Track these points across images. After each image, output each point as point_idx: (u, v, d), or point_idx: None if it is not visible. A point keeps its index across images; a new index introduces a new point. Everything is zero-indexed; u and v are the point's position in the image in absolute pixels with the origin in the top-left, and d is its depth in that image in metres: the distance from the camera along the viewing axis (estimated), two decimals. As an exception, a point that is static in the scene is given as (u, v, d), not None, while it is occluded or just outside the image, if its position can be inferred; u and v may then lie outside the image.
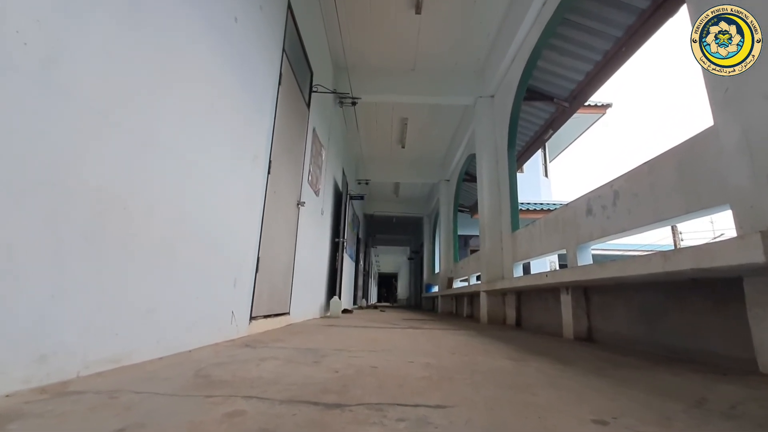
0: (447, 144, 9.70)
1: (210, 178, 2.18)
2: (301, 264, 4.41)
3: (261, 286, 3.02)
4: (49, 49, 1.20)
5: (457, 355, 2.12)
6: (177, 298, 1.86)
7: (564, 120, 6.16)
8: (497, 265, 5.55)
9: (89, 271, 1.35)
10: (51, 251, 1.21)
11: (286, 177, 3.74)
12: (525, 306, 4.71)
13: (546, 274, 3.48)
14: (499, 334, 3.65)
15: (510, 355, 2.13)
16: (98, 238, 1.38)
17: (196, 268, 2.04)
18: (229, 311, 2.46)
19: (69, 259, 1.27)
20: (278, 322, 3.51)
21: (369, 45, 6.13)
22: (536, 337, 3.36)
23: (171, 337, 1.80)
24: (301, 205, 4.22)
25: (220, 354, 1.89)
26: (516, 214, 5.43)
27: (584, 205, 3.40)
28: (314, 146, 4.96)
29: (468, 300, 7.41)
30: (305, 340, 2.66)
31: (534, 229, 4.55)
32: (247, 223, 2.76)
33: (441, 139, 9.43)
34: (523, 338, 3.26)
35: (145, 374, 1.39)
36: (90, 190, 1.35)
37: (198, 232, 2.06)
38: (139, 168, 1.59)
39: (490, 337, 3.29)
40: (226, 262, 2.42)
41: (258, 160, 2.95)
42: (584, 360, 2.07)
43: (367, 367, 1.66)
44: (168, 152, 1.78)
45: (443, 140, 9.50)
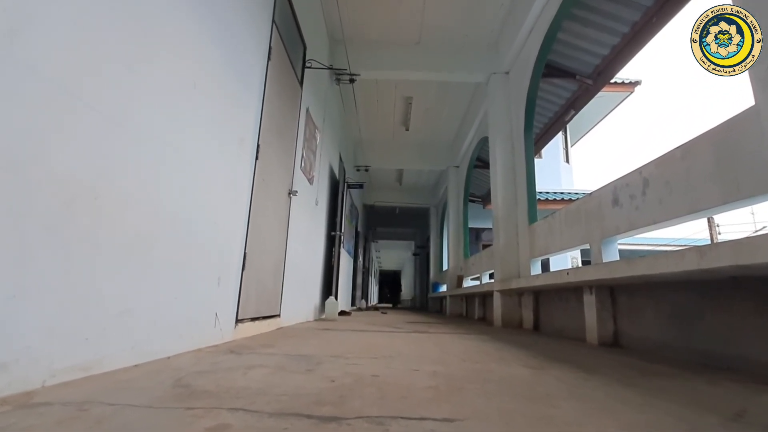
0: (456, 126, 9.67)
1: (191, 164, 2.17)
2: (293, 260, 4.41)
3: (248, 286, 3.02)
4: (11, 21, 1.18)
5: (468, 362, 2.11)
6: (154, 299, 1.85)
7: (587, 99, 6.12)
8: (512, 262, 5.55)
9: (55, 269, 1.34)
10: (12, 247, 1.20)
11: (277, 163, 3.73)
12: (543, 307, 4.71)
13: (567, 271, 3.48)
14: (514, 338, 3.65)
15: (527, 363, 2.13)
16: (66, 231, 1.37)
17: (176, 265, 2.04)
18: (213, 313, 2.46)
19: (32, 255, 1.26)
20: (267, 325, 3.51)
21: (369, 15, 6.07)
22: (556, 343, 3.36)
23: (147, 342, 1.80)
24: (293, 194, 4.21)
25: (203, 361, 1.89)
26: (533, 204, 5.42)
27: (610, 195, 3.38)
28: (308, 128, 4.94)
29: (480, 301, 7.43)
30: (298, 345, 2.66)
31: (553, 222, 4.54)
32: (232, 215, 2.75)
33: (449, 120, 9.39)
34: (542, 343, 3.26)
35: (119, 383, 1.39)
36: (56, 178, 1.33)
37: (177, 225, 2.05)
38: (112, 153, 1.58)
39: (505, 342, 3.29)
40: (209, 258, 2.42)
41: (245, 143, 2.94)
42: (610, 368, 2.07)
43: (367, 375, 1.65)
44: (144, 135, 1.76)
45: (452, 122, 9.46)
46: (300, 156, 4.60)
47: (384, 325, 4.88)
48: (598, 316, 3.25)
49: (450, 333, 4.03)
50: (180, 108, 2.05)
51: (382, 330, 4.15)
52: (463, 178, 9.86)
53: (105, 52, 1.53)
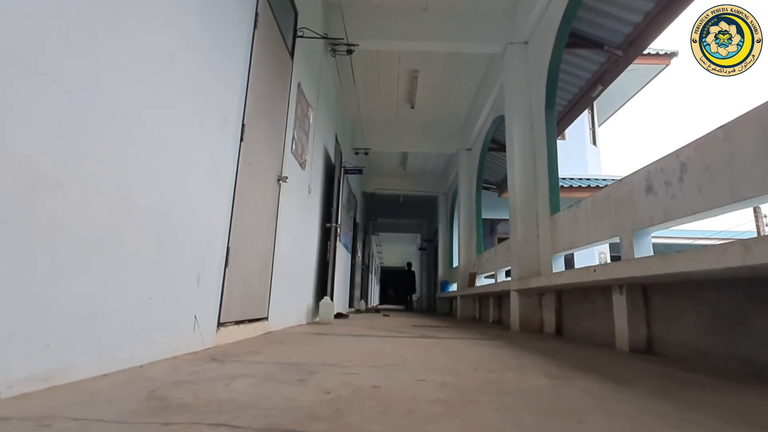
0: (468, 104, 9.62)
1: (166, 146, 2.16)
2: (283, 256, 4.41)
3: (232, 285, 3.02)
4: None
5: (482, 371, 2.11)
6: (124, 300, 1.85)
7: (617, 73, 6.06)
8: (532, 258, 5.54)
9: (12, 266, 1.32)
10: (-39, 240, 1.18)
11: (264, 145, 3.71)
12: (567, 309, 4.71)
13: (594, 268, 3.47)
14: (534, 344, 3.65)
15: (549, 372, 2.13)
16: (24, 223, 1.36)
17: (149, 262, 2.03)
18: (191, 316, 2.46)
19: (-15, 250, 1.24)
20: (254, 329, 3.52)
21: (368, -24, 6.00)
22: (581, 349, 3.36)
23: (117, 348, 1.79)
24: (283, 180, 4.20)
25: (180, 370, 1.88)
26: (556, 192, 5.40)
27: (643, 181, 3.36)
28: (299, 106, 4.91)
29: (495, 301, 7.44)
30: (288, 352, 2.66)
31: (579, 212, 4.52)
32: (213, 204, 2.74)
33: (461, 97, 9.34)
34: (566, 350, 3.26)
35: (85, 395, 1.38)
36: (13, 162, 1.32)
37: (150, 216, 2.04)
38: (77, 132, 1.56)
39: (523, 348, 3.29)
40: (187, 253, 2.41)
41: (228, 123, 2.92)
42: (643, 378, 2.06)
43: (367, 386, 1.65)
44: (112, 112, 1.74)
45: (463, 99, 9.42)
46: (291, 137, 4.58)
47: (386, 330, 4.89)
48: (629, 319, 3.24)
49: (461, 338, 4.03)
50: (153, 82, 2.03)
51: (384, 335, 4.15)
52: (475, 163, 9.83)
53: (67, 17, 1.51)
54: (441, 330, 5.08)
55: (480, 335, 4.45)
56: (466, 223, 10.15)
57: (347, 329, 4.73)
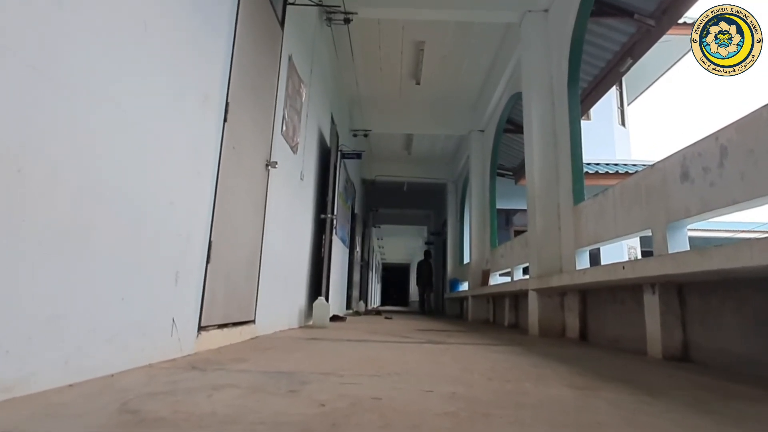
0: (481, 79, 9.58)
1: (140, 126, 2.14)
2: (272, 251, 4.41)
3: (214, 284, 3.02)
4: None
5: (496, 381, 2.11)
6: (93, 301, 1.84)
7: (649, 45, 6.02)
8: (553, 253, 5.54)
9: (-35, 263, 1.31)
10: None
11: (251, 126, 3.71)
12: (592, 311, 4.71)
13: (623, 265, 3.46)
14: (555, 351, 3.66)
15: (572, 382, 2.13)
16: (-24, 214, 1.35)
17: (120, 258, 2.02)
18: (169, 318, 2.45)
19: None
20: (239, 333, 3.52)
21: (368, -66, 5.95)
22: (609, 356, 3.37)
23: (85, 354, 1.79)
24: (272, 166, 4.19)
25: (156, 379, 1.88)
26: (580, 179, 5.39)
27: (677, 167, 3.34)
28: (291, 82, 4.89)
29: (511, 302, 7.44)
30: (278, 359, 2.66)
31: (605, 201, 4.51)
32: (193, 193, 2.74)
33: (472, 72, 9.29)
34: (591, 357, 3.27)
35: (49, 408, 1.38)
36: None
37: (122, 205, 2.03)
38: (39, 112, 1.55)
39: (543, 355, 3.30)
40: (164, 248, 2.40)
41: (209, 101, 2.91)
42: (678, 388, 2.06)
43: (367, 398, 1.65)
44: (79, 89, 1.73)
45: (475, 74, 9.37)
46: (281, 117, 4.56)
47: (388, 334, 4.90)
48: (663, 322, 3.24)
49: (473, 344, 4.04)
50: (126, 54, 2.01)
51: (386, 340, 4.16)
52: (489, 146, 9.80)
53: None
54: (450, 334, 5.09)
55: (494, 340, 4.45)
56: (478, 214, 10.14)
57: (344, 334, 4.73)
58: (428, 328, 6.30)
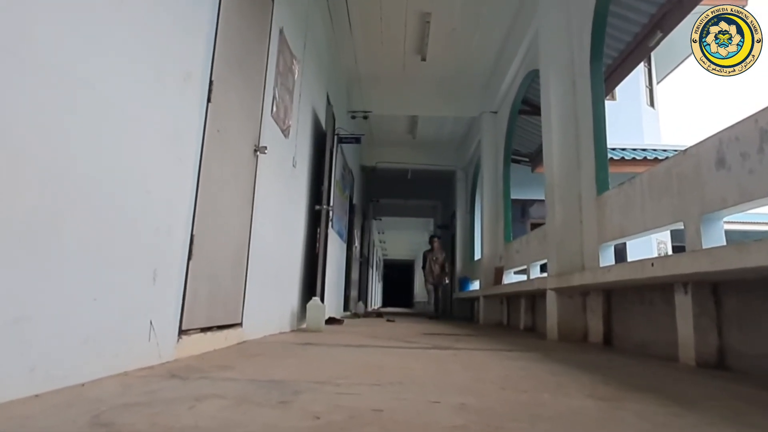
0: (493, 55, 9.55)
1: (113, 108, 2.13)
2: (261, 246, 4.41)
3: (197, 282, 3.02)
4: None
5: (510, 391, 2.11)
6: (62, 301, 1.83)
7: (680, 16, 5.95)
8: (573, 248, 5.53)
9: None
10: None
11: (238, 107, 3.70)
12: (618, 313, 4.71)
13: (651, 261, 3.45)
14: (576, 357, 3.66)
15: (595, 392, 2.12)
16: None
17: (92, 254, 2.02)
18: (146, 321, 2.45)
19: None
20: (224, 338, 3.53)
21: None
22: (636, 363, 3.37)
23: (53, 362, 1.79)
24: (261, 152, 4.18)
25: (132, 389, 1.88)
26: (604, 165, 5.38)
27: (713, 152, 3.33)
28: (282, 59, 4.88)
29: (527, 303, 7.45)
30: (268, 366, 2.67)
31: (632, 191, 4.50)
32: (173, 181, 2.73)
33: (483, 47, 9.25)
34: (616, 364, 3.26)
35: (13, 422, 1.38)
36: None
37: (94, 196, 2.02)
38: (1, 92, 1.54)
39: (563, 362, 3.30)
40: (141, 243, 2.40)
41: (192, 80, 2.90)
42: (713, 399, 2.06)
43: (366, 410, 1.64)
44: (46, 66, 1.72)
45: (487, 49, 9.33)
46: (271, 97, 4.56)
47: (390, 339, 4.90)
48: (696, 325, 3.23)
49: (485, 349, 4.05)
50: (98, 28, 2.00)
51: (388, 345, 4.16)
52: (503, 130, 9.77)
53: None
54: (459, 339, 5.09)
55: (508, 346, 4.45)
56: (490, 205, 10.12)
57: (342, 338, 4.74)
58: (435, 331, 6.31)
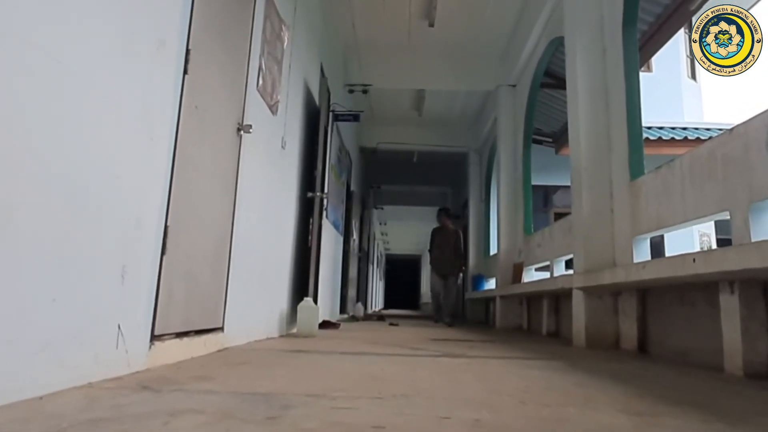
0: (511, 21, 9.53)
1: (76, 79, 2.12)
2: (245, 240, 4.40)
3: (171, 281, 3.02)
4: None
5: (531, 405, 2.11)
6: (16, 302, 1.83)
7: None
8: (603, 242, 5.53)
9: None
10: None
11: (219, 80, 3.70)
12: (654, 316, 4.70)
13: (693, 257, 3.44)
14: (607, 366, 3.66)
15: (628, 406, 2.12)
16: None
17: (52, 247, 2.01)
18: (114, 325, 2.45)
19: None
20: (203, 344, 3.53)
21: None
22: (675, 373, 3.37)
23: (6, 372, 1.78)
24: (246, 130, 4.18)
25: (97, 403, 1.87)
26: (638, 147, 5.37)
27: (763, 132, 3.31)
28: (269, 24, 4.87)
29: (550, 304, 7.45)
30: (253, 377, 2.67)
31: (671, 176, 4.49)
32: (145, 164, 2.72)
33: (499, 11, 9.23)
34: (652, 374, 3.27)
35: (-37, 440, 1.38)
36: None
37: (54, 180, 2.01)
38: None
39: (592, 372, 3.30)
40: (107, 235, 2.39)
41: (166, 48, 2.88)
42: (764, 414, 2.05)
43: (366, 427, 1.64)
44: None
45: (505, 12, 9.31)
46: (257, 69, 4.55)
47: (394, 345, 4.90)
48: (744, 329, 3.23)
49: (501, 357, 4.05)
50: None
51: (392, 353, 4.16)
52: (522, 106, 9.74)
53: None
54: (473, 346, 5.09)
55: (529, 353, 4.45)
56: (508, 192, 10.10)
57: (338, 344, 4.74)
58: (445, 337, 6.31)
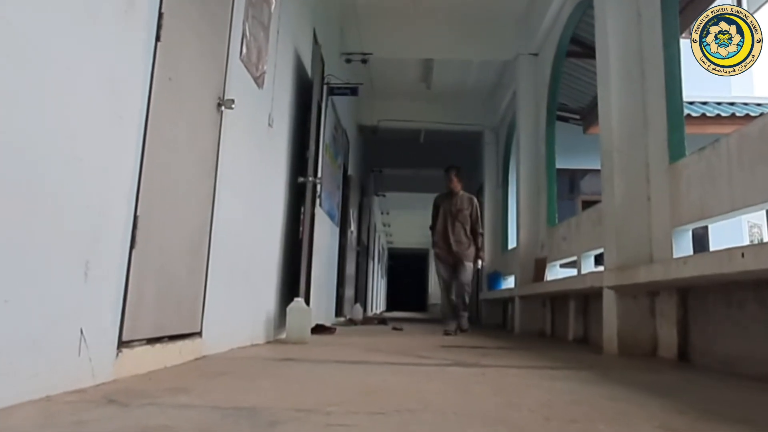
0: (534, -22, 9.50)
1: (32, 49, 2.12)
2: (227, 231, 4.41)
3: (142, 279, 3.03)
4: None
5: (555, 421, 2.11)
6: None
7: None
8: (639, 234, 5.54)
9: None
10: None
11: (196, 48, 3.72)
12: (697, 319, 4.70)
13: (742, 251, 3.42)
14: (642, 377, 3.67)
15: (667, 423, 2.12)
16: None
17: (4, 241, 2.00)
18: (76, 329, 2.45)
19: None
20: (179, 351, 3.53)
21: None
22: (721, 384, 3.39)
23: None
24: (227, 106, 4.17)
25: (56, 419, 1.87)
26: (679, 125, 5.39)
27: (829, 108, 3.29)
28: (252, -17, 4.85)
29: (577, 306, 7.47)
30: (235, 389, 2.68)
31: (716, 158, 4.48)
32: (111, 145, 2.72)
33: (521, -32, 9.22)
34: (695, 386, 3.27)
35: None
36: None
37: (6, 163, 2.01)
38: None
39: (625, 383, 3.31)
40: (68, 226, 2.39)
41: (135, 11, 2.88)
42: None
43: (366, 448, 1.64)
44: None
45: (526, -29, 9.29)
46: (240, 35, 4.56)
47: (398, 353, 4.92)
48: (802, 335, 3.23)
49: (521, 366, 4.07)
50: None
51: (395, 361, 4.17)
52: (546, 78, 9.76)
53: None
54: (487, 353, 5.11)
55: (552, 362, 4.46)
56: (529, 177, 10.13)
57: (333, 352, 4.76)
58: (455, 344, 6.34)
